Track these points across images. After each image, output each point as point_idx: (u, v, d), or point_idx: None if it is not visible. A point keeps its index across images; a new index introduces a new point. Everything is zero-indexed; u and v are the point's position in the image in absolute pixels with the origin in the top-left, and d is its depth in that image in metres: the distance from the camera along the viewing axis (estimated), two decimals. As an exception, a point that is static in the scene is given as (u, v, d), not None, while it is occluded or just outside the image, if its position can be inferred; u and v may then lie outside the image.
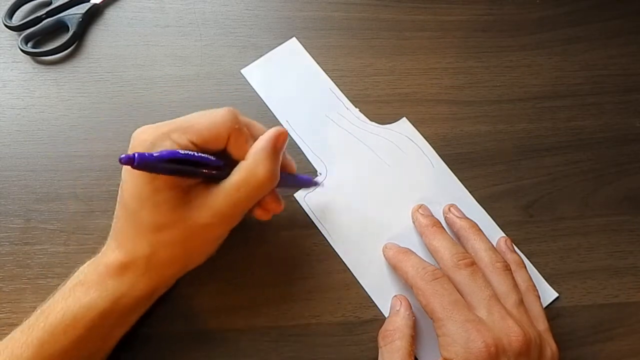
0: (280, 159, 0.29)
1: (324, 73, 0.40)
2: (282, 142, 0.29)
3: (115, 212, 0.29)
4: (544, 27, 0.43)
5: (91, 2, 0.42)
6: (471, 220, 0.34)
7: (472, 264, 0.31)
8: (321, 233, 0.35)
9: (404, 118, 0.39)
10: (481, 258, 0.32)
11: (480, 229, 0.34)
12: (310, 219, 0.35)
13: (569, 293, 0.34)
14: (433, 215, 0.35)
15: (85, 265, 0.29)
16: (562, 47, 0.43)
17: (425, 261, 0.32)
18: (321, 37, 0.42)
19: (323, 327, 0.33)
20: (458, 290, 0.30)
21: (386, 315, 0.33)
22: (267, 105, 0.39)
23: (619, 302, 0.34)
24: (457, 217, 0.35)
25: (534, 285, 0.32)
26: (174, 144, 0.26)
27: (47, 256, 0.34)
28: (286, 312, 0.33)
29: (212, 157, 0.27)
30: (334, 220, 0.35)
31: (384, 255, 0.34)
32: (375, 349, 0.32)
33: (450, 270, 0.31)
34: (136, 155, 0.23)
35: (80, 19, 0.41)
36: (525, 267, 0.33)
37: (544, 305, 0.33)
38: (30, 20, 0.41)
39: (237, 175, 0.27)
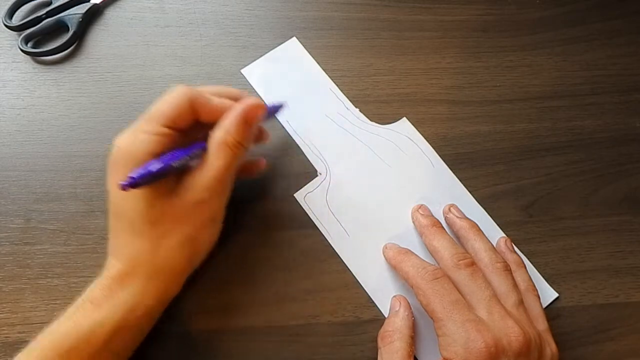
0: (254, 127, 0.30)
1: (324, 73, 0.40)
2: (252, 113, 0.30)
3: (109, 226, 0.30)
4: (544, 27, 0.43)
5: (91, 2, 0.42)
6: (471, 221, 0.34)
7: (472, 264, 0.31)
8: (321, 233, 0.35)
9: (404, 118, 0.39)
10: (481, 258, 0.32)
11: (480, 229, 0.34)
12: (310, 219, 0.35)
13: (569, 293, 0.34)
14: (433, 215, 0.35)
15: (88, 289, 0.29)
16: (562, 47, 0.43)
17: (425, 261, 0.32)
18: (321, 37, 0.42)
19: (323, 327, 0.33)
20: (458, 290, 0.30)
21: (386, 316, 0.33)
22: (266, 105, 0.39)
23: (619, 302, 0.34)
24: (457, 217, 0.35)
25: (534, 285, 0.32)
26: (150, 135, 0.28)
27: (47, 256, 0.34)
28: (286, 312, 0.33)
29: (187, 150, 0.28)
30: (333, 220, 0.35)
31: (384, 256, 0.34)
32: (375, 349, 0.32)
33: (450, 270, 0.31)
34: (135, 177, 0.25)
35: (80, 19, 0.41)
36: (525, 267, 0.33)
37: (544, 305, 0.33)
38: (30, 20, 0.41)
39: (211, 146, 0.29)
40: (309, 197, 0.36)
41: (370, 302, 0.34)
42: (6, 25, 0.40)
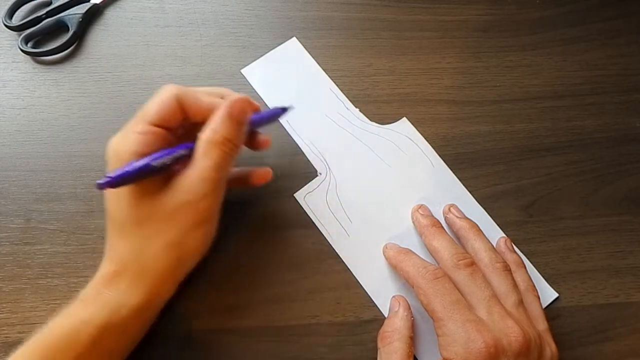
0: (243, 125, 0.29)
1: (324, 73, 0.40)
2: (239, 109, 0.29)
3: (106, 230, 0.30)
4: (544, 27, 0.43)
5: (91, 2, 0.42)
6: (471, 221, 0.34)
7: (472, 264, 0.31)
8: (321, 233, 0.35)
9: (404, 118, 0.39)
10: (481, 258, 0.32)
11: (480, 229, 0.34)
12: (310, 218, 0.35)
13: (569, 293, 0.34)
14: (433, 216, 0.35)
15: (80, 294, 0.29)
16: (562, 47, 0.43)
17: (426, 261, 0.32)
18: (321, 37, 0.42)
19: (323, 327, 0.33)
20: (458, 291, 0.30)
21: (386, 316, 0.33)
22: (267, 105, 0.39)
23: (619, 302, 0.34)
24: (457, 217, 0.35)
25: (534, 285, 0.32)
26: (137, 134, 0.28)
27: (47, 256, 0.34)
28: (286, 312, 0.33)
29: (175, 150, 0.28)
30: (333, 220, 0.35)
31: (385, 255, 0.34)
32: (375, 349, 0.32)
33: (450, 270, 0.31)
34: (112, 177, 0.25)
35: (80, 19, 0.41)
36: (525, 267, 0.33)
37: (544, 306, 0.33)
38: (30, 20, 0.41)
39: (199, 145, 0.28)
40: (309, 197, 0.36)
41: (371, 302, 0.34)
42: (6, 25, 0.40)
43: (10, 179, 0.36)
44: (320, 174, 0.37)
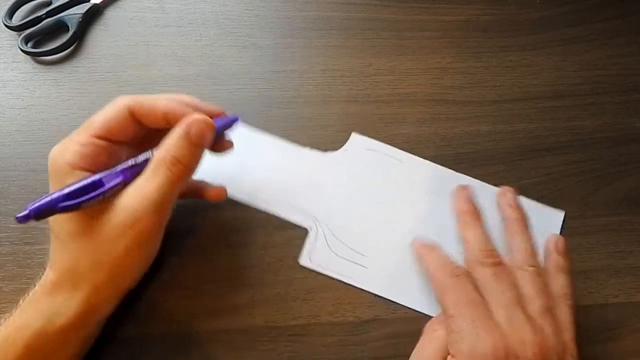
0: (202, 148, 0.28)
1: (261, 135, 0.37)
2: (198, 129, 0.27)
3: None
4: (544, 27, 0.43)
5: (91, 2, 0.42)
6: (522, 212, 0.33)
7: (499, 264, 0.29)
8: (346, 283, 0.34)
9: (353, 133, 0.38)
10: (515, 257, 0.31)
11: (526, 224, 0.33)
12: (330, 276, 0.34)
13: (569, 293, 0.34)
14: (473, 201, 0.34)
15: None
16: (562, 47, 0.43)
17: (449, 257, 0.31)
18: (321, 37, 0.42)
19: (322, 327, 0.33)
20: (478, 289, 0.29)
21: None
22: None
23: (619, 302, 0.34)
24: (509, 205, 0.33)
25: (570, 294, 0.30)
26: (80, 146, 0.27)
27: (47, 256, 0.34)
28: (285, 312, 0.33)
29: (91, 182, 0.26)
30: (348, 263, 0.34)
31: (412, 249, 0.34)
32: (375, 349, 0.32)
33: (474, 264, 0.30)
34: (30, 212, 0.24)
35: (80, 19, 0.41)
36: (569, 272, 0.31)
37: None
38: (30, 20, 0.41)
39: (148, 165, 0.27)
40: (314, 257, 0.34)
41: (371, 302, 0.33)
42: (6, 25, 0.40)
43: (10, 179, 0.36)
44: (311, 228, 0.35)
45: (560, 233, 0.36)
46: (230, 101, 0.39)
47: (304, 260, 0.34)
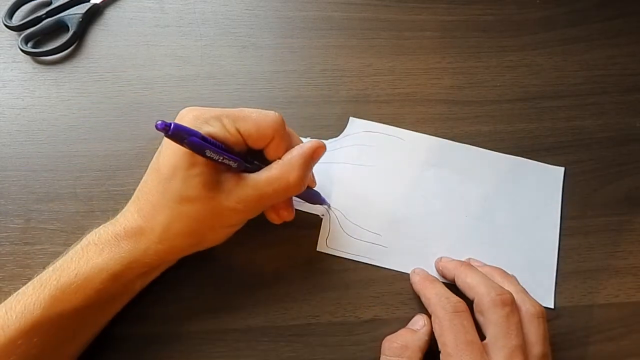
0: (312, 170, 0.30)
1: None
2: (318, 155, 0.30)
3: (144, 177, 0.30)
4: (544, 27, 0.43)
5: (91, 2, 0.42)
6: (495, 267, 0.33)
7: (512, 302, 0.29)
8: (366, 264, 0.34)
9: (351, 118, 0.39)
10: (517, 303, 0.30)
11: (506, 272, 0.33)
12: (350, 259, 0.35)
13: (568, 293, 0.34)
14: (458, 260, 0.34)
15: (99, 227, 0.29)
16: (562, 47, 0.43)
17: (450, 292, 0.31)
18: (321, 37, 0.42)
19: (322, 327, 0.33)
20: (485, 328, 0.29)
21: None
22: None
23: (619, 302, 0.34)
24: (479, 266, 0.33)
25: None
26: (223, 127, 0.28)
27: (47, 256, 0.34)
28: (285, 312, 0.33)
29: (236, 157, 0.28)
30: (365, 244, 0.35)
31: (411, 280, 0.34)
32: (375, 349, 0.32)
33: (486, 307, 0.29)
34: (172, 124, 0.24)
35: (80, 19, 0.41)
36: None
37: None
38: (30, 20, 0.41)
39: (271, 172, 0.28)
40: (331, 242, 0.35)
41: (371, 302, 0.33)
42: (6, 25, 0.40)
43: (10, 179, 0.36)
44: (323, 215, 0.36)
45: (560, 232, 0.36)
46: (230, 101, 0.39)
47: (322, 247, 0.35)
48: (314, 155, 0.29)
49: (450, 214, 0.36)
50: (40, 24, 0.41)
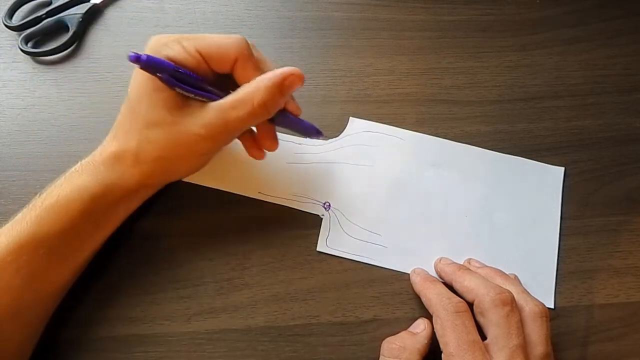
0: (285, 97, 0.29)
1: None
2: (291, 82, 0.29)
3: (121, 109, 0.31)
4: (544, 27, 0.43)
5: (91, 2, 0.42)
6: (496, 269, 0.33)
7: (511, 302, 0.29)
8: (366, 264, 0.34)
9: (351, 117, 0.39)
10: (518, 303, 0.30)
11: (506, 275, 0.32)
12: (350, 259, 0.35)
13: (568, 293, 0.34)
14: (456, 263, 0.34)
15: (82, 160, 0.31)
16: (562, 47, 0.43)
17: (451, 292, 0.31)
18: (321, 37, 0.42)
19: (322, 327, 0.33)
20: (486, 329, 0.29)
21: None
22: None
23: (619, 302, 0.34)
24: (479, 267, 0.33)
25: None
26: (183, 49, 0.28)
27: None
28: (285, 312, 0.33)
29: (209, 88, 0.29)
30: (365, 244, 0.35)
31: (411, 280, 0.33)
32: (375, 349, 0.32)
33: (486, 307, 0.29)
34: (144, 56, 0.26)
35: (80, 19, 0.41)
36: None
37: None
38: (30, 20, 0.41)
39: (235, 95, 0.29)
40: (331, 242, 0.35)
41: (371, 302, 0.33)
42: (6, 25, 0.40)
43: (10, 179, 0.36)
44: (323, 215, 0.36)
45: (560, 232, 0.36)
46: (230, 101, 0.39)
47: (322, 247, 0.35)
48: (286, 81, 0.28)
49: (450, 214, 0.36)
50: (40, 24, 0.41)
